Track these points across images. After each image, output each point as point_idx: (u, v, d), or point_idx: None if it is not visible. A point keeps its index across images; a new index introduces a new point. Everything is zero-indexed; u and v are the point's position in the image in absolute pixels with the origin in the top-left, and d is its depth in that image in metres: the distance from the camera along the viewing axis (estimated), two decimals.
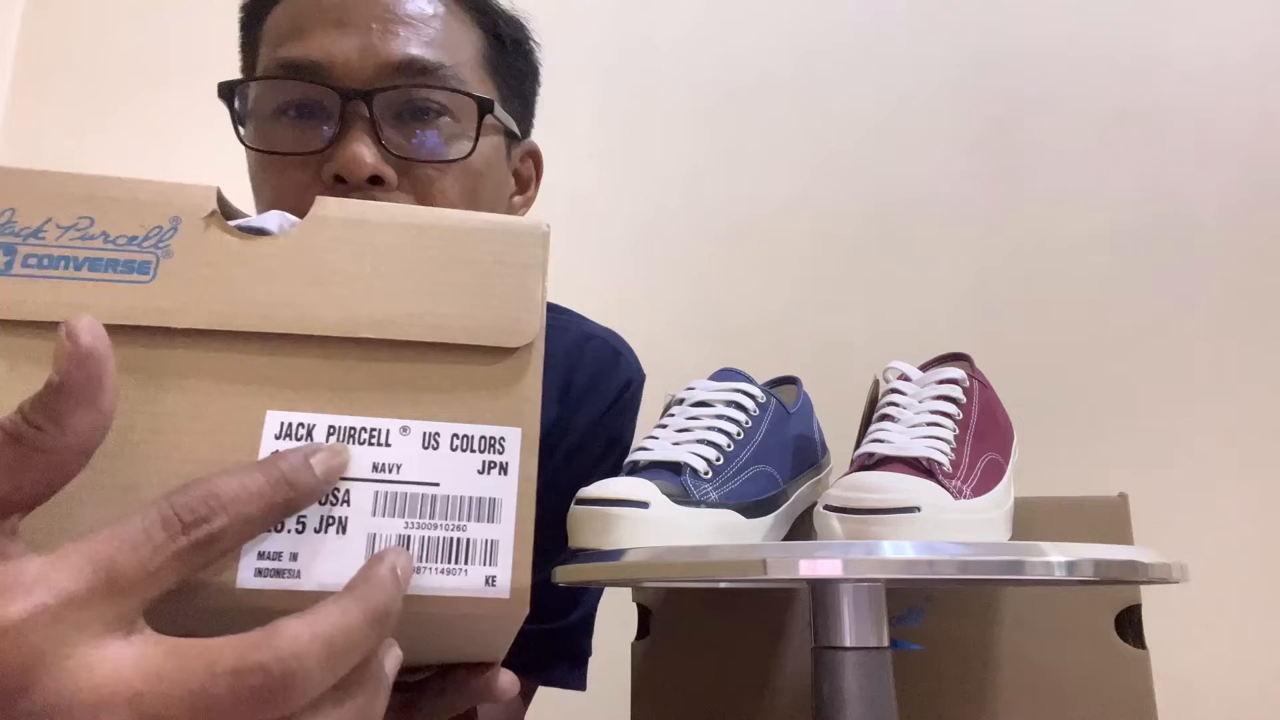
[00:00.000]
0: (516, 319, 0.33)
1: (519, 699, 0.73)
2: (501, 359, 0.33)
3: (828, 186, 1.34)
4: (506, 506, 0.31)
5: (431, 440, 0.31)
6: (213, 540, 0.26)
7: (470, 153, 0.60)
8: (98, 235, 0.31)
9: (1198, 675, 0.96)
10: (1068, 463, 1.02)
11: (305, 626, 0.25)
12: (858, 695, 0.47)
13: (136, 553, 0.24)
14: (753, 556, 0.42)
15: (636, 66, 1.40)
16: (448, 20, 0.62)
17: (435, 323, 0.32)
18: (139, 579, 0.24)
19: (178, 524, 0.25)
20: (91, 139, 1.41)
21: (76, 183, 0.32)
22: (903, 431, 0.52)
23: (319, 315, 0.31)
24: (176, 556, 0.25)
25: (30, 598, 0.23)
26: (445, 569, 0.30)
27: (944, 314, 1.26)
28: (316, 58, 0.58)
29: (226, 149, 0.64)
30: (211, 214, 0.32)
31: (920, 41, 1.37)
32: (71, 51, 1.50)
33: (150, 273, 0.31)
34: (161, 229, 0.31)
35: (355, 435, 0.31)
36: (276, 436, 0.30)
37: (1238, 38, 1.30)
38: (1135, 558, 0.44)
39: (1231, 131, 1.27)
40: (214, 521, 0.26)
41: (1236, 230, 1.23)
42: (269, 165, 0.60)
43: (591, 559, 0.47)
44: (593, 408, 0.75)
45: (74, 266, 0.30)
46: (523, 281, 0.34)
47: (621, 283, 1.30)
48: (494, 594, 0.30)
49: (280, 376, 0.31)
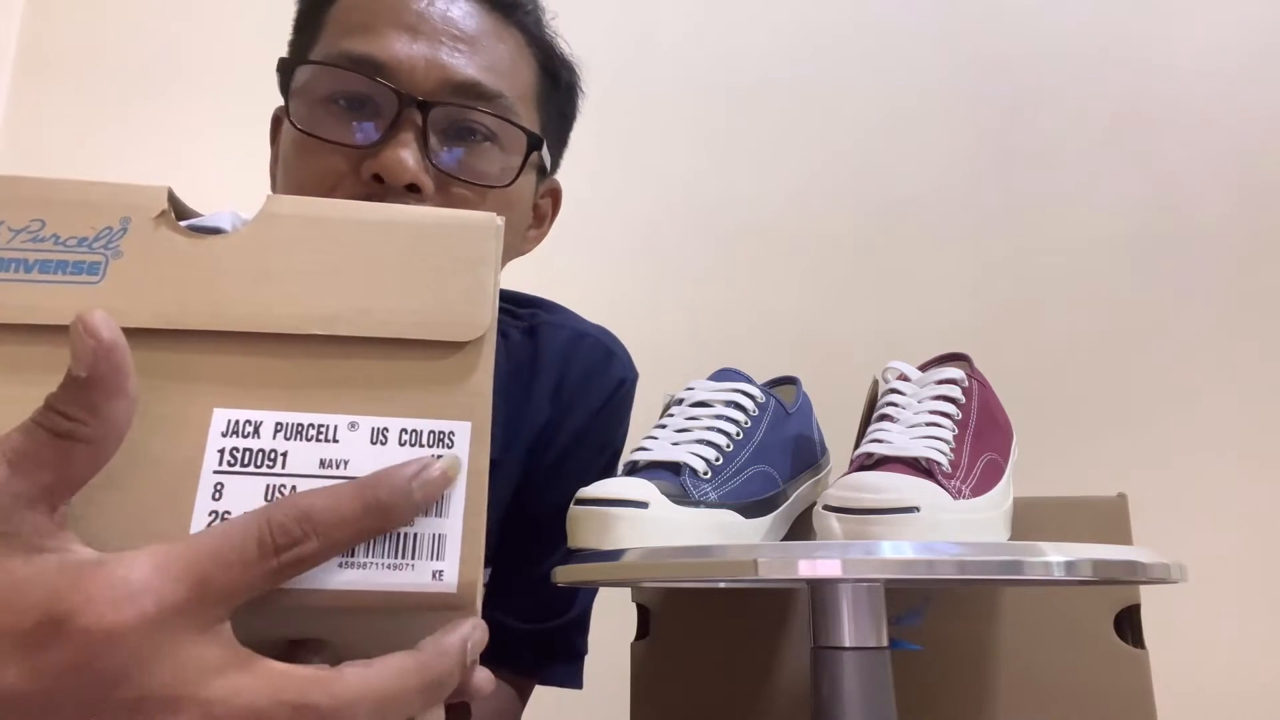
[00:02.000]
0: (467, 313, 0.33)
1: (516, 698, 0.73)
2: (452, 353, 0.33)
3: (828, 186, 1.34)
4: (455, 501, 0.31)
5: (380, 435, 0.31)
6: (301, 561, 0.28)
7: (510, 183, 0.62)
8: (49, 237, 0.31)
9: (1198, 675, 0.96)
10: (1067, 463, 1.02)
11: (365, 680, 0.27)
12: (857, 695, 0.47)
13: (231, 569, 0.26)
14: (751, 557, 0.42)
15: (637, 66, 1.40)
16: (514, 52, 0.64)
17: (385, 319, 0.32)
18: (231, 592, 0.26)
19: (271, 545, 0.27)
20: (91, 139, 1.41)
21: (28, 185, 0.32)
22: (902, 431, 0.52)
23: (268, 312, 0.32)
24: (266, 575, 0.27)
25: (135, 606, 0.25)
26: (391, 564, 0.30)
27: (944, 314, 1.26)
28: (383, 58, 0.58)
29: (227, 149, 0.64)
30: (162, 214, 0.32)
31: (921, 42, 1.38)
32: (71, 52, 1.50)
33: (100, 273, 0.31)
34: (111, 229, 0.32)
35: (303, 431, 0.31)
36: (223, 433, 0.30)
37: (1238, 39, 1.30)
38: (1134, 558, 0.44)
39: (1231, 132, 1.27)
40: (305, 545, 0.27)
41: (1236, 230, 1.23)
42: (308, 149, 0.60)
43: (591, 559, 0.47)
44: (585, 407, 0.75)
45: (25, 269, 0.31)
46: (475, 276, 0.33)
47: (621, 282, 1.30)
48: (440, 588, 0.30)
49: (228, 375, 0.31)
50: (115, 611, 0.24)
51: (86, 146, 1.39)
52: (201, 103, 1.43)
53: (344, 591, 0.29)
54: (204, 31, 1.48)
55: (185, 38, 1.48)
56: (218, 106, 1.41)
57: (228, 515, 0.29)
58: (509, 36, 0.64)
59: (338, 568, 0.29)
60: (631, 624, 0.67)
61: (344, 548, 0.29)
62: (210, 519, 0.29)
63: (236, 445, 0.30)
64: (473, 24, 0.62)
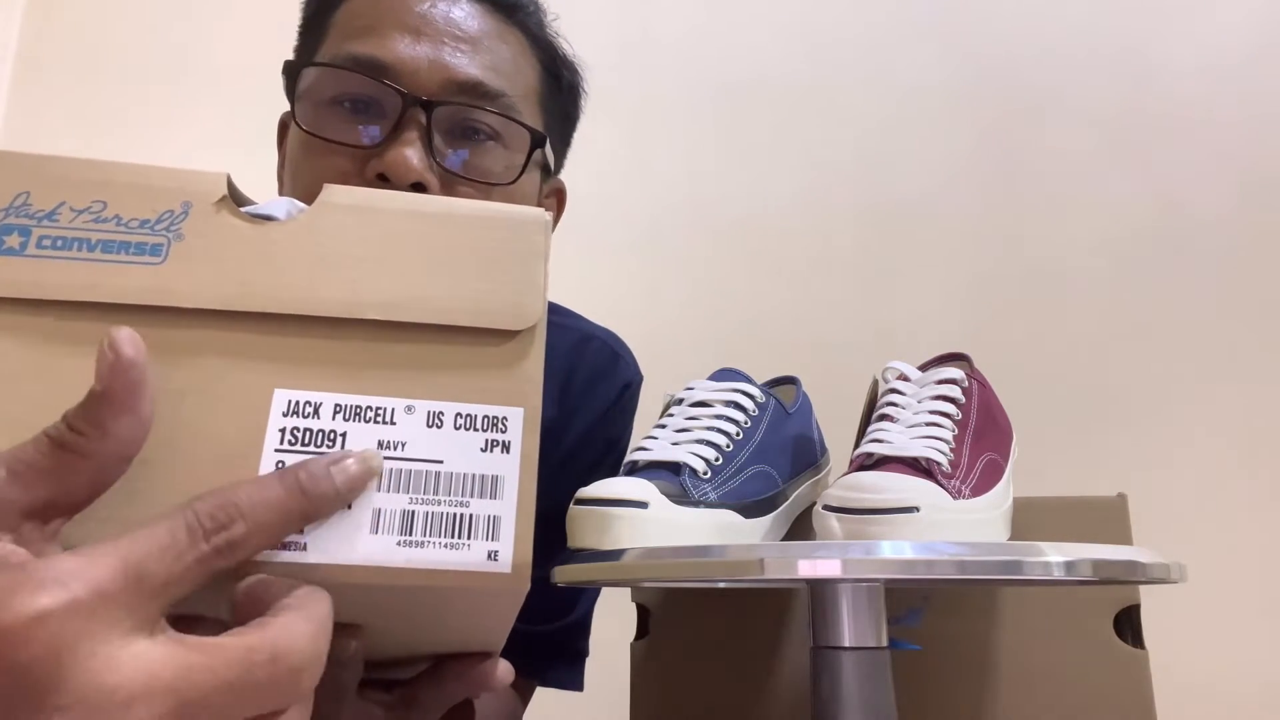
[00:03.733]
0: (519, 302, 0.34)
1: (518, 700, 0.73)
2: (504, 341, 0.33)
3: (828, 186, 1.34)
4: (509, 484, 0.32)
5: (435, 419, 0.32)
6: (234, 546, 0.27)
7: (514, 180, 0.62)
8: (110, 218, 0.32)
9: (1197, 675, 0.96)
10: (1067, 463, 1.02)
11: (303, 618, 0.26)
12: (857, 695, 0.47)
13: (164, 556, 0.25)
14: (751, 556, 0.42)
15: (637, 66, 1.40)
16: (516, 53, 0.65)
17: (439, 305, 0.33)
18: (166, 581, 0.25)
19: (200, 530, 0.26)
20: (91, 139, 1.41)
21: (88, 167, 0.33)
22: (902, 431, 0.52)
23: (325, 297, 0.32)
24: (200, 561, 0.26)
25: (63, 590, 0.23)
26: (448, 544, 0.30)
27: (944, 314, 1.26)
28: (387, 60, 0.59)
29: (227, 149, 0.64)
30: (222, 199, 0.33)
31: (921, 42, 1.38)
32: (71, 52, 1.50)
33: (162, 254, 0.32)
34: (173, 213, 0.32)
35: (361, 413, 0.31)
36: (284, 413, 0.31)
37: (1238, 39, 1.30)
38: (1134, 558, 0.44)
39: (1231, 132, 1.27)
40: (233, 529, 0.27)
41: (1236, 230, 1.23)
42: (314, 150, 0.60)
43: (591, 559, 0.47)
44: (591, 409, 0.75)
45: (88, 248, 0.31)
46: (526, 267, 0.34)
47: (621, 282, 1.30)
48: (496, 568, 0.31)
49: (288, 355, 0.32)
50: (39, 594, 0.23)
51: (86, 147, 1.38)
52: (202, 103, 1.44)
53: (403, 569, 0.30)
54: (204, 32, 1.48)
55: (186, 38, 1.48)
56: (218, 107, 1.41)
57: None
58: (511, 37, 0.65)
59: (397, 546, 0.30)
60: (631, 624, 0.67)
61: (274, 532, 0.28)
62: None
63: (297, 425, 0.31)
64: (475, 25, 0.62)
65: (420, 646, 0.39)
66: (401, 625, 0.34)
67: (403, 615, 0.33)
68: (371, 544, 0.30)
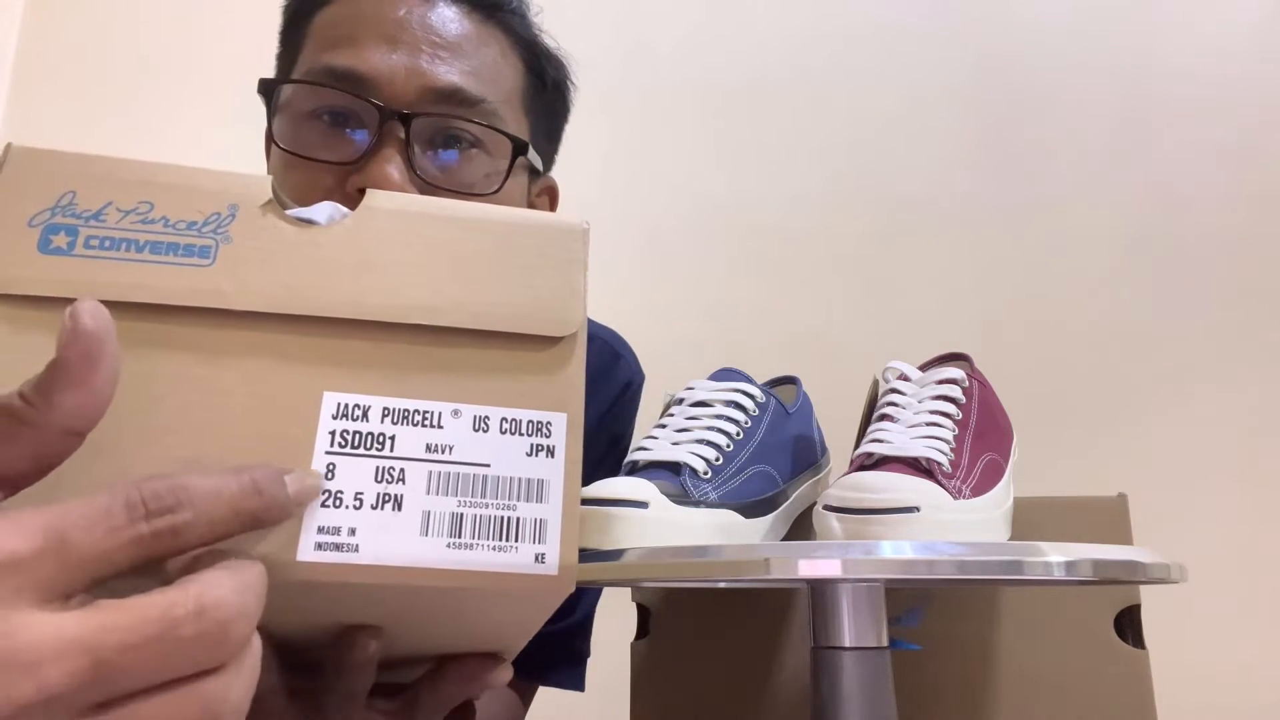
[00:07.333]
0: (561, 309, 0.34)
1: (519, 701, 0.73)
2: (547, 347, 0.34)
3: (829, 186, 1.34)
4: (554, 487, 0.32)
5: (482, 423, 0.32)
6: (174, 532, 0.25)
7: (498, 189, 0.61)
8: (158, 220, 0.32)
9: (1197, 675, 0.96)
10: (1067, 463, 1.02)
11: (228, 574, 0.25)
12: (857, 695, 0.47)
13: (93, 529, 0.24)
14: (753, 556, 0.42)
15: (639, 68, 1.40)
16: (497, 56, 0.63)
17: (483, 311, 0.33)
18: (91, 556, 0.24)
19: (141, 509, 0.25)
20: (91, 140, 1.41)
21: (134, 168, 0.33)
22: (902, 431, 0.52)
23: (371, 301, 0.32)
24: (133, 541, 0.24)
25: None
26: (497, 546, 0.31)
27: (944, 314, 1.26)
28: (363, 71, 0.58)
29: (227, 149, 0.64)
30: (268, 203, 0.33)
31: (922, 42, 1.38)
32: (71, 52, 1.50)
33: (210, 256, 0.32)
34: (220, 215, 0.32)
35: (409, 417, 0.32)
36: (334, 416, 0.31)
37: (1238, 39, 1.30)
38: (1134, 558, 0.44)
39: (1232, 133, 1.27)
40: (178, 514, 0.25)
41: (1236, 231, 1.23)
42: (295, 166, 0.60)
43: (591, 559, 0.47)
44: (593, 409, 0.75)
45: (135, 249, 0.31)
46: (566, 274, 0.35)
47: (622, 283, 1.30)
48: (543, 570, 0.31)
49: (336, 358, 0.32)
50: None
51: (86, 147, 1.38)
52: (202, 103, 1.43)
53: (454, 570, 0.30)
54: (205, 32, 1.48)
55: (186, 38, 1.48)
56: (218, 107, 1.41)
57: (341, 496, 0.30)
58: (492, 39, 0.64)
59: (447, 548, 0.30)
60: (631, 624, 0.67)
61: (221, 528, 0.26)
62: (324, 499, 0.30)
63: (347, 428, 0.31)
64: (454, 29, 0.61)
65: (439, 647, 0.39)
66: (431, 626, 0.34)
67: (438, 616, 0.33)
68: (422, 546, 0.30)
